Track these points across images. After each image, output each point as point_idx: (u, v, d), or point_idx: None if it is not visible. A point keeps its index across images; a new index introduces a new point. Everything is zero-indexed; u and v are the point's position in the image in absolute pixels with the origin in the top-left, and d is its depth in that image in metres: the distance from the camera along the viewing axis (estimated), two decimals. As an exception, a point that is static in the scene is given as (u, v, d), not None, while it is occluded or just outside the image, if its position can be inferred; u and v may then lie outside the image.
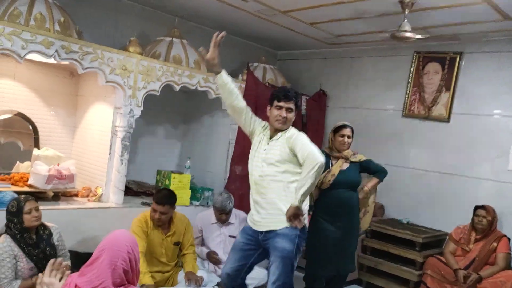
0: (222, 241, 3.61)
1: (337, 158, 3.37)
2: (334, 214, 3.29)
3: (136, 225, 3.08)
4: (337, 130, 3.39)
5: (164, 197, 3.11)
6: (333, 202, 3.28)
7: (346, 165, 3.37)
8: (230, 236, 3.59)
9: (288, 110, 2.70)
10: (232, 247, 2.88)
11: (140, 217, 3.15)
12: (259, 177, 2.68)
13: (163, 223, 3.17)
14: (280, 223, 2.62)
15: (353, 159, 3.39)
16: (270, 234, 2.64)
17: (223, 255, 3.52)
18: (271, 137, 2.74)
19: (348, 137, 3.37)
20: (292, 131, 2.72)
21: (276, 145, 2.68)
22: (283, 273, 2.59)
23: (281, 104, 2.69)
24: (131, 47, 3.53)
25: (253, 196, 2.75)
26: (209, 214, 3.68)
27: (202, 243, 3.69)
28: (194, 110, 4.83)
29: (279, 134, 2.71)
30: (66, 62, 3.23)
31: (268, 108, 2.79)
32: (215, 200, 3.62)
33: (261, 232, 2.68)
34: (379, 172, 3.51)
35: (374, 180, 3.52)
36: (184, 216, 3.38)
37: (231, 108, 2.78)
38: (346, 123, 3.42)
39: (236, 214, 3.70)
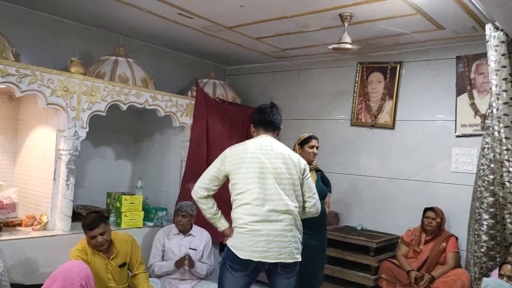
0: (184, 252, 3.53)
1: (310, 170, 3.36)
2: (314, 228, 3.14)
3: (74, 255, 2.93)
4: (305, 142, 3.34)
5: (94, 220, 2.96)
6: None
7: (315, 176, 3.35)
8: (191, 248, 3.55)
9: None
10: None
11: (78, 246, 3.02)
12: None
13: (107, 244, 3.04)
14: None
15: (319, 168, 3.40)
16: None
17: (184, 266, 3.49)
18: None
19: (317, 147, 3.37)
20: None
21: None
22: None
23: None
24: (72, 67, 3.43)
25: None
26: (171, 226, 3.69)
27: (163, 258, 3.59)
28: (145, 129, 4.74)
29: None
30: (3, 86, 3.09)
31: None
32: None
33: None
34: (329, 185, 3.53)
35: (329, 194, 3.52)
36: (127, 234, 3.28)
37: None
38: (311, 134, 3.40)
39: (199, 229, 3.67)
